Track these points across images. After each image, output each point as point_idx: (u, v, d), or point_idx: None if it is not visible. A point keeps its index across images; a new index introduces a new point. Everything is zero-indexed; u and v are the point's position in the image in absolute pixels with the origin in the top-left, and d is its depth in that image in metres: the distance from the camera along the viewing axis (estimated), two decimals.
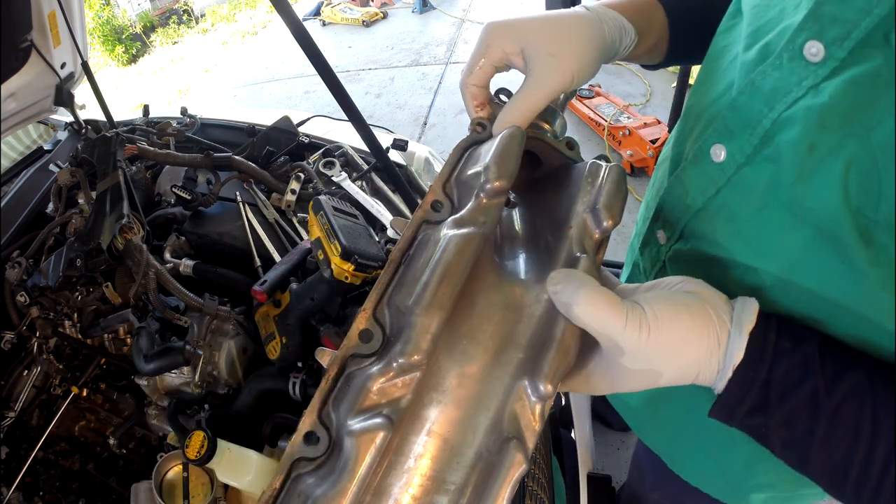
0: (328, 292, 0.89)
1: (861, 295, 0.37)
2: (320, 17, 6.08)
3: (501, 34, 0.47)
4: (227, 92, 5.17)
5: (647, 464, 0.90)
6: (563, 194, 0.48)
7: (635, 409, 0.73)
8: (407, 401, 0.39)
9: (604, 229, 0.44)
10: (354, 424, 0.38)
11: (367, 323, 0.41)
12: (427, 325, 0.39)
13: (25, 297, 1.10)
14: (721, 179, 0.45)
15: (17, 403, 1.10)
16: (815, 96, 0.36)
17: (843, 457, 0.36)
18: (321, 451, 0.38)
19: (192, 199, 1.23)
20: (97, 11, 7.36)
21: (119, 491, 1.09)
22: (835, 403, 0.36)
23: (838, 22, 0.34)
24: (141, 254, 1.05)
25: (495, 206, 0.43)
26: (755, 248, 0.43)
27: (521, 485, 0.83)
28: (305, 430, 0.39)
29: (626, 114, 2.81)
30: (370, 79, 4.56)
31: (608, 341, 0.38)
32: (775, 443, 0.39)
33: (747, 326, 0.38)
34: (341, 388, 0.40)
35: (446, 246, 0.41)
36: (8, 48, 1.17)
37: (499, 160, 0.43)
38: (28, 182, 1.44)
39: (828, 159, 0.35)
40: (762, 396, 0.38)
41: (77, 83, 1.51)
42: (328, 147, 1.39)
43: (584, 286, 0.38)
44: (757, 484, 0.58)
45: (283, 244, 1.19)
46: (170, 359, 0.96)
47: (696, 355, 0.38)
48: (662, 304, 0.39)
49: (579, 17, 0.49)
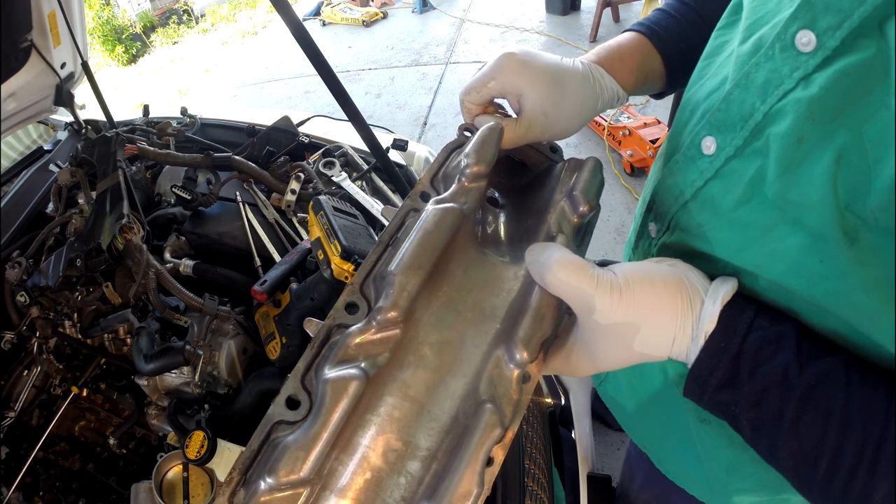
0: (328, 292, 0.89)
1: (840, 296, 0.36)
2: (320, 17, 6.09)
3: (513, 72, 0.49)
4: (227, 92, 5.17)
5: (638, 464, 0.90)
6: (545, 190, 0.51)
7: (627, 409, 0.73)
8: (384, 359, 0.41)
9: (580, 213, 0.47)
10: (330, 374, 0.39)
11: (353, 296, 0.43)
12: (404, 284, 0.41)
13: (25, 297, 1.10)
14: (709, 171, 0.44)
15: (17, 403, 1.10)
16: (805, 88, 0.35)
17: (812, 446, 0.35)
18: (301, 416, 0.39)
19: (192, 199, 1.23)
20: (97, 11, 7.36)
21: (119, 491, 1.09)
22: (807, 384, 0.35)
23: (831, 11, 0.33)
24: (141, 254, 1.05)
25: (475, 190, 0.46)
26: (734, 241, 0.43)
27: (521, 485, 0.83)
28: (288, 394, 0.40)
29: (626, 114, 2.81)
30: (370, 79, 4.56)
31: (581, 306, 0.40)
32: (745, 426, 0.39)
33: (722, 297, 0.39)
34: (324, 355, 0.41)
35: (426, 217, 0.44)
36: (8, 48, 1.17)
37: (478, 148, 0.47)
38: (28, 182, 1.44)
39: (816, 152, 0.35)
40: (733, 369, 0.38)
41: (77, 83, 1.51)
42: (328, 147, 1.39)
43: (556, 255, 0.40)
44: (739, 488, 0.57)
45: (283, 244, 1.19)
46: (170, 359, 0.96)
47: (668, 323, 0.39)
48: (634, 271, 0.40)
49: (584, 81, 0.52)
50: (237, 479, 0.38)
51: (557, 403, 1.26)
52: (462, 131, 0.53)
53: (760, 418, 0.37)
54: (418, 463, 0.40)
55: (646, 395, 0.65)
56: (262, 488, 0.36)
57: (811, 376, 0.35)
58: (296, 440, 0.37)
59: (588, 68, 0.53)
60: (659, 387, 0.62)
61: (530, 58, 0.50)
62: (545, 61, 0.50)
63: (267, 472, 0.37)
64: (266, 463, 0.38)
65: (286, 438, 0.38)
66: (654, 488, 0.85)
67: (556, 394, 1.23)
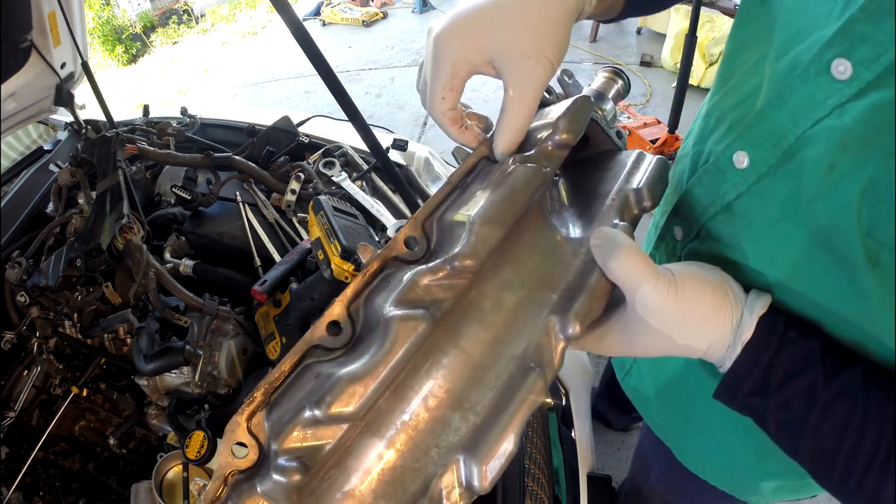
0: (328, 292, 0.89)
1: (864, 313, 0.39)
2: (320, 17, 6.08)
3: (462, 46, 0.43)
4: (227, 92, 5.17)
5: (655, 457, 0.90)
6: (608, 174, 0.51)
7: (647, 397, 0.73)
8: (448, 305, 0.40)
9: (643, 207, 0.47)
10: (396, 311, 0.38)
11: (415, 231, 0.43)
12: (486, 235, 0.40)
13: (25, 297, 1.10)
14: (742, 186, 0.46)
15: (17, 403, 1.10)
16: (839, 117, 0.36)
17: (830, 448, 0.38)
18: (341, 343, 0.38)
19: (192, 199, 1.23)
20: (97, 11, 7.35)
21: (119, 491, 1.09)
22: (829, 397, 0.38)
23: (869, 42, 0.34)
24: (141, 254, 1.05)
25: (558, 157, 0.45)
26: (769, 255, 0.45)
27: (521, 485, 0.83)
28: (332, 318, 0.39)
29: (626, 114, 2.81)
30: (370, 79, 4.56)
31: (636, 296, 0.40)
32: (771, 425, 0.41)
33: (758, 311, 0.40)
34: (378, 285, 0.41)
35: (514, 172, 0.43)
36: (8, 48, 1.17)
37: (570, 117, 0.45)
38: (28, 182, 1.44)
39: (846, 181, 0.36)
40: (764, 380, 0.40)
41: (77, 83, 1.51)
42: (328, 147, 1.39)
43: (624, 244, 0.41)
44: (767, 472, 0.60)
45: (283, 244, 1.19)
46: (170, 359, 0.96)
47: (711, 327, 0.41)
48: (690, 274, 0.41)
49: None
50: (260, 400, 0.37)
51: (557, 403, 1.25)
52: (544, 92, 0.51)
53: (785, 420, 0.40)
54: (459, 414, 0.39)
55: (670, 385, 0.67)
56: (307, 419, 0.35)
57: (833, 389, 0.38)
58: (353, 373, 0.36)
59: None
60: (683, 376, 0.64)
61: (464, 16, 0.43)
62: (479, 3, 0.43)
63: (314, 404, 0.36)
64: (299, 390, 0.36)
65: (336, 369, 0.37)
66: (671, 480, 0.86)
67: (557, 394, 1.23)
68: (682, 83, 2.63)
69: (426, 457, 0.38)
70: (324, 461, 0.37)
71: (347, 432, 0.37)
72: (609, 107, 0.55)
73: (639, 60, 4.05)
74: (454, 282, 0.40)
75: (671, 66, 3.67)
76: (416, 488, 0.38)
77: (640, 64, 4.02)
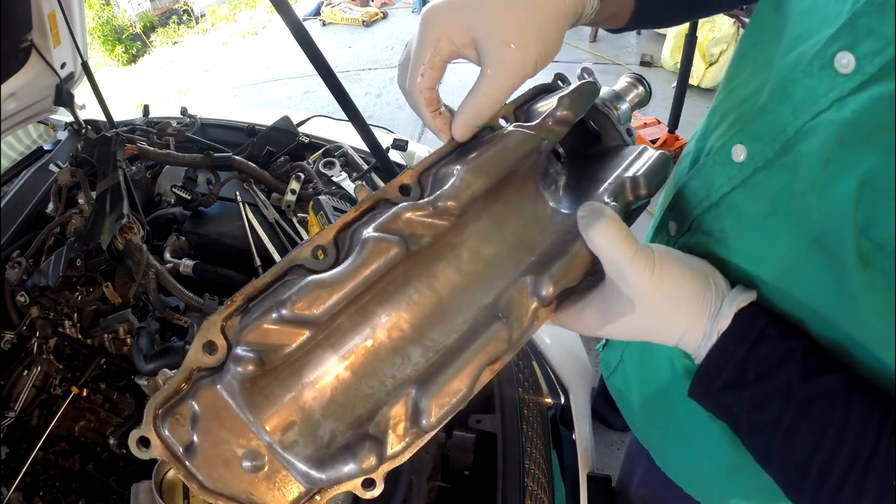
0: None
1: (851, 316, 0.38)
2: (320, 17, 6.09)
3: (448, 24, 0.42)
4: (227, 92, 5.17)
5: (638, 460, 0.90)
6: (610, 165, 0.52)
7: (630, 400, 0.73)
8: (425, 242, 0.41)
9: (638, 194, 0.48)
10: (374, 233, 0.39)
11: (410, 179, 0.44)
12: (470, 182, 0.42)
13: (25, 297, 1.10)
14: (737, 179, 0.45)
15: (17, 403, 1.10)
16: (839, 110, 0.36)
17: (803, 458, 0.36)
18: (324, 267, 0.39)
19: (192, 199, 1.23)
20: (97, 11, 7.35)
21: (119, 491, 1.09)
22: (806, 397, 0.36)
23: (873, 35, 0.33)
24: (141, 254, 1.05)
25: (556, 133, 0.46)
26: (758, 251, 0.44)
27: (521, 485, 0.83)
28: (318, 242, 0.40)
29: None
30: (370, 79, 4.56)
31: (614, 270, 0.41)
32: (744, 428, 0.40)
33: (739, 303, 0.40)
34: (367, 221, 0.41)
35: (510, 133, 0.45)
36: (8, 48, 1.17)
37: (575, 97, 0.47)
38: (28, 182, 1.44)
39: (842, 175, 0.35)
40: (738, 373, 0.39)
41: (77, 83, 1.51)
42: (328, 147, 1.39)
43: (608, 215, 0.41)
44: (738, 489, 0.57)
45: (283, 244, 1.19)
46: (170, 359, 0.96)
47: (686, 312, 0.40)
48: (671, 256, 0.41)
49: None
50: (238, 304, 0.38)
51: (557, 403, 1.25)
52: (557, 79, 0.53)
53: (759, 422, 0.39)
54: (420, 350, 0.41)
55: (653, 389, 0.66)
56: (272, 316, 0.36)
57: (812, 389, 0.36)
58: (321, 279, 0.37)
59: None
60: (666, 381, 0.62)
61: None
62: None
63: (280, 303, 0.36)
64: (277, 296, 0.37)
65: (309, 277, 0.38)
66: (652, 485, 0.85)
67: (556, 394, 1.23)
68: (682, 83, 2.64)
69: (381, 385, 0.39)
70: (281, 364, 0.38)
71: (308, 340, 0.38)
72: (624, 107, 0.55)
73: (639, 60, 4.05)
74: (435, 221, 0.41)
75: (671, 67, 3.67)
76: (364, 413, 0.39)
77: (640, 64, 4.02)
